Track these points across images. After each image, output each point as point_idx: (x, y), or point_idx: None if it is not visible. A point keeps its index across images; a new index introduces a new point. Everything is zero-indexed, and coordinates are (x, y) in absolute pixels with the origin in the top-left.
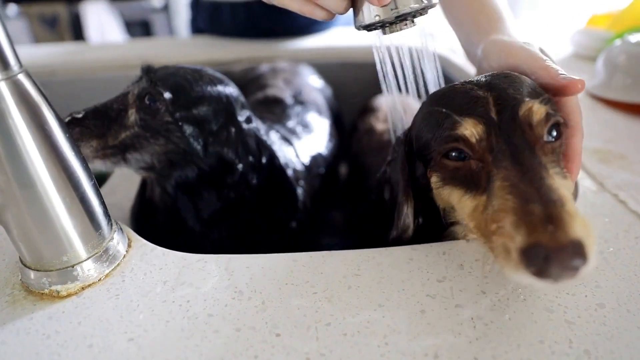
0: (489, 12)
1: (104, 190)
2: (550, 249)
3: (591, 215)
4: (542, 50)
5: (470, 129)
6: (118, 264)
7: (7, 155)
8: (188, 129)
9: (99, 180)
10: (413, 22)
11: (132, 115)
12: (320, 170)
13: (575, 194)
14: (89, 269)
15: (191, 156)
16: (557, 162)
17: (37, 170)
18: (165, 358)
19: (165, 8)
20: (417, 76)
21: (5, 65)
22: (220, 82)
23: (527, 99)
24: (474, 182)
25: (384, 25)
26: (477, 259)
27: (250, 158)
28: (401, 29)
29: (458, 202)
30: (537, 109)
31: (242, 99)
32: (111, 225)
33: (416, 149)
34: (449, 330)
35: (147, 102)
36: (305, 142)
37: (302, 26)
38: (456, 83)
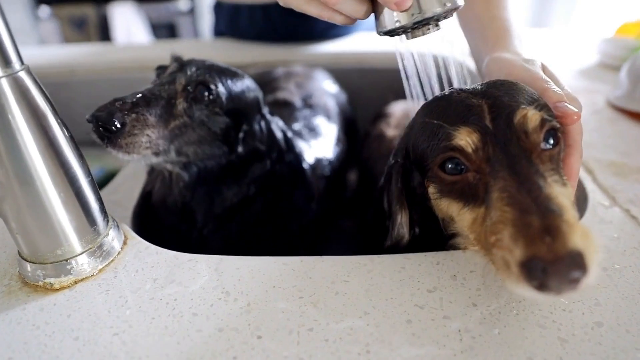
0: (497, 25)
1: (107, 188)
2: (547, 262)
3: (599, 231)
4: (544, 68)
5: (465, 138)
6: (112, 260)
7: (6, 149)
8: (231, 121)
9: (106, 179)
10: (437, 25)
11: (181, 105)
12: (324, 172)
13: (581, 206)
14: (82, 263)
15: (226, 147)
16: (555, 169)
17: (35, 164)
18: (147, 354)
19: (191, 11)
20: (444, 83)
21: (7, 63)
22: (247, 77)
23: (523, 106)
24: (472, 194)
25: (406, 30)
26: (471, 270)
27: (277, 148)
28: (424, 34)
29: (457, 214)
30: (532, 116)
31: (261, 94)
32: (107, 221)
33: (412, 158)
34: (433, 342)
35: (198, 92)
36: (309, 144)
37: (321, 31)
38: (452, 90)
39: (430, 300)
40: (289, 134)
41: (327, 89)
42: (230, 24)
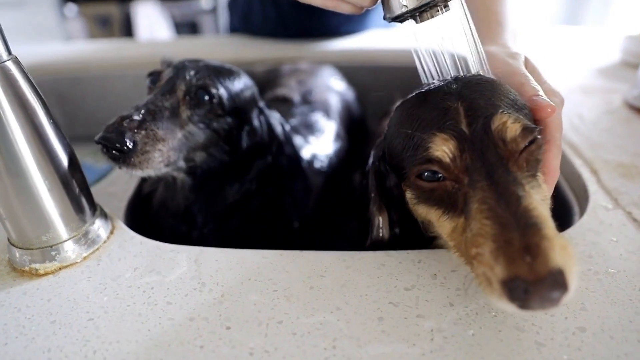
0: (491, 18)
1: (105, 180)
2: (529, 283)
3: (597, 234)
4: (527, 62)
5: (441, 148)
6: (97, 248)
7: None
8: (234, 120)
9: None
10: (446, 6)
11: (185, 112)
12: (321, 167)
13: (582, 207)
14: (67, 250)
15: (230, 146)
16: (532, 173)
17: (21, 151)
18: (117, 339)
19: (214, 10)
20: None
21: None
22: (242, 73)
23: (500, 111)
24: (451, 203)
25: (414, 15)
26: (453, 270)
27: (277, 141)
28: (433, 16)
29: (436, 221)
30: (511, 124)
31: (256, 89)
32: (94, 210)
33: (388, 161)
34: (403, 340)
35: (200, 97)
36: (306, 139)
37: (333, 27)
38: (430, 86)
39: (406, 299)
40: (287, 127)
41: (332, 85)
42: (243, 20)
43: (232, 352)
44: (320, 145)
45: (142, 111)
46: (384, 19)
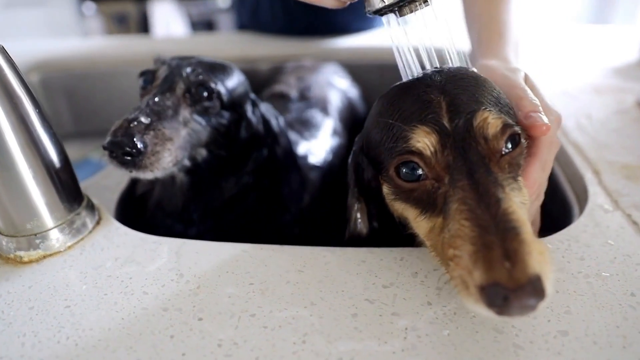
0: (493, 28)
1: (101, 173)
2: (508, 290)
3: (592, 236)
4: (526, 78)
5: (422, 140)
6: (82, 238)
7: None
8: (232, 114)
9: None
10: (426, 2)
11: (186, 110)
12: (316, 162)
13: (582, 208)
14: (51, 238)
15: (229, 140)
16: (513, 175)
17: (6, 137)
18: (90, 327)
19: (231, 8)
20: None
21: None
22: (234, 67)
23: (483, 107)
24: (429, 203)
25: (393, 9)
26: (435, 269)
27: (272, 132)
28: (412, 11)
29: (413, 220)
30: (493, 121)
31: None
32: (81, 200)
33: (366, 152)
34: (374, 338)
35: (200, 94)
36: (300, 135)
37: (342, 25)
38: (412, 79)
39: (383, 296)
40: (281, 120)
41: (333, 82)
42: (251, 17)
43: (201, 342)
44: (314, 141)
45: (147, 112)
46: (366, 12)
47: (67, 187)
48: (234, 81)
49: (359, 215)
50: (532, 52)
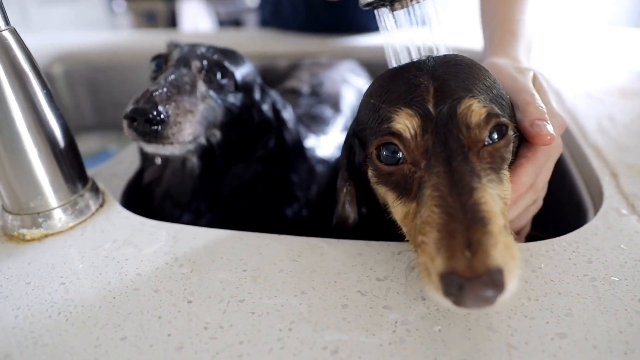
0: (506, 26)
1: (112, 160)
2: (464, 279)
3: (603, 240)
4: (535, 79)
5: (404, 122)
6: (84, 220)
7: None
8: (244, 98)
9: None
10: None
11: (203, 86)
12: (323, 155)
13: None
14: (54, 218)
15: (241, 125)
16: (494, 167)
17: (13, 115)
18: (82, 304)
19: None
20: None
21: None
22: (244, 56)
23: (470, 96)
24: (405, 187)
25: (385, 3)
26: None
27: (281, 118)
28: (404, 7)
29: (391, 205)
30: (477, 109)
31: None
32: (85, 182)
33: (356, 134)
34: (362, 329)
35: (214, 73)
36: (308, 129)
37: (363, 23)
38: (406, 64)
39: (376, 289)
40: (289, 108)
41: (347, 79)
42: (273, 14)
43: (187, 324)
44: (323, 136)
45: (166, 85)
46: (359, 5)
47: (72, 168)
48: (245, 66)
49: (348, 198)
50: (560, 53)
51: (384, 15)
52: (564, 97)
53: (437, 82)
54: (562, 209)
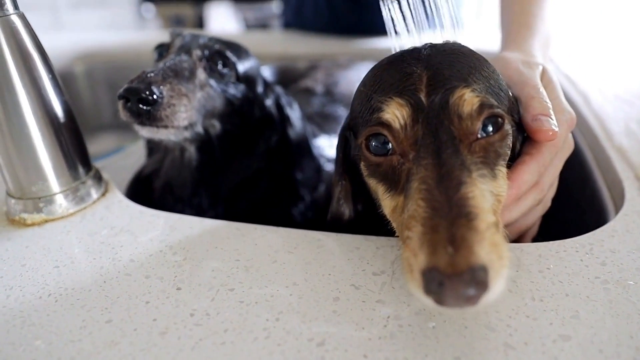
0: (522, 20)
1: (121, 153)
2: (445, 275)
3: (620, 242)
4: (543, 74)
5: (394, 112)
6: (84, 207)
7: None
8: (246, 90)
9: None
10: None
11: (202, 74)
12: (331, 154)
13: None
14: (55, 203)
15: (242, 118)
16: (486, 162)
17: (19, 99)
18: (72, 287)
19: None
20: None
21: (1, 4)
22: (248, 50)
23: (464, 85)
24: (394, 180)
25: None
26: None
27: (285, 113)
28: None
29: (381, 197)
30: (469, 98)
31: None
32: (88, 170)
33: (352, 125)
34: (352, 322)
35: (215, 62)
36: (319, 128)
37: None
38: (402, 51)
39: (371, 283)
40: (295, 106)
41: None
42: (295, 15)
43: (174, 310)
44: (335, 135)
45: (164, 69)
46: None
47: (75, 154)
48: (248, 58)
49: (342, 194)
50: (588, 54)
51: (391, 8)
52: (591, 100)
53: (431, 71)
54: (582, 212)
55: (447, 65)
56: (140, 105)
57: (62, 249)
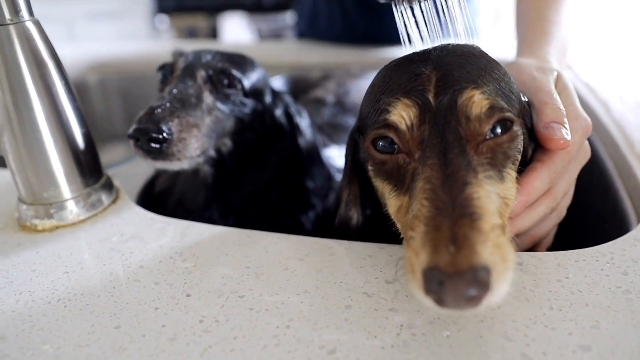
0: (538, 26)
1: (132, 162)
2: (445, 274)
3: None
4: (558, 80)
5: (400, 113)
6: (95, 214)
7: (8, 88)
8: (254, 103)
9: None
10: None
11: (208, 98)
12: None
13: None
14: (66, 209)
15: (254, 132)
16: (493, 164)
17: (32, 105)
18: (82, 292)
19: None
20: None
21: (16, 11)
22: (254, 60)
23: (473, 87)
24: (399, 179)
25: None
26: None
27: (294, 123)
28: (422, 0)
29: (386, 197)
30: (479, 100)
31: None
32: (99, 176)
33: (361, 128)
34: (364, 331)
35: (220, 81)
36: (329, 138)
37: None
38: (414, 52)
39: (383, 291)
40: (305, 114)
41: None
42: (309, 24)
43: (183, 317)
44: (340, 143)
45: (170, 100)
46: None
47: (86, 161)
48: (254, 70)
49: (350, 198)
50: (610, 62)
51: (404, 12)
52: (611, 108)
53: (440, 72)
54: (603, 222)
55: (457, 66)
56: (151, 144)
57: (72, 255)
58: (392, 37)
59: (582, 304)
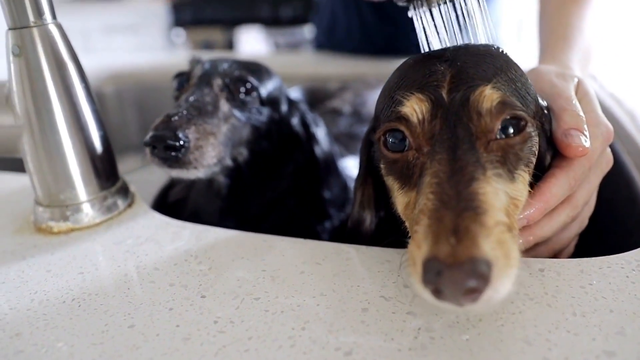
0: (560, 33)
1: (146, 169)
2: (444, 264)
3: None
4: (579, 86)
5: (412, 106)
6: (111, 217)
7: (29, 89)
8: (271, 112)
9: None
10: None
11: (224, 106)
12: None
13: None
14: (81, 212)
15: (270, 141)
16: (504, 163)
17: (52, 106)
18: (96, 292)
19: None
20: None
21: (40, 14)
22: (270, 69)
23: (486, 84)
24: (408, 175)
25: (422, 1)
26: None
27: (310, 131)
28: (440, 3)
29: (396, 196)
30: (489, 94)
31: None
32: (116, 180)
33: (375, 127)
34: (381, 333)
35: (237, 89)
36: (345, 148)
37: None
38: (431, 50)
39: (401, 294)
40: (321, 122)
41: None
42: (327, 35)
43: (197, 317)
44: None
45: (187, 107)
46: (396, 2)
47: (103, 164)
48: (270, 79)
49: (364, 200)
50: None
51: (422, 16)
52: (638, 118)
53: (455, 69)
54: (629, 234)
55: (472, 64)
56: (168, 152)
57: (87, 256)
58: (410, 49)
59: (607, 310)
